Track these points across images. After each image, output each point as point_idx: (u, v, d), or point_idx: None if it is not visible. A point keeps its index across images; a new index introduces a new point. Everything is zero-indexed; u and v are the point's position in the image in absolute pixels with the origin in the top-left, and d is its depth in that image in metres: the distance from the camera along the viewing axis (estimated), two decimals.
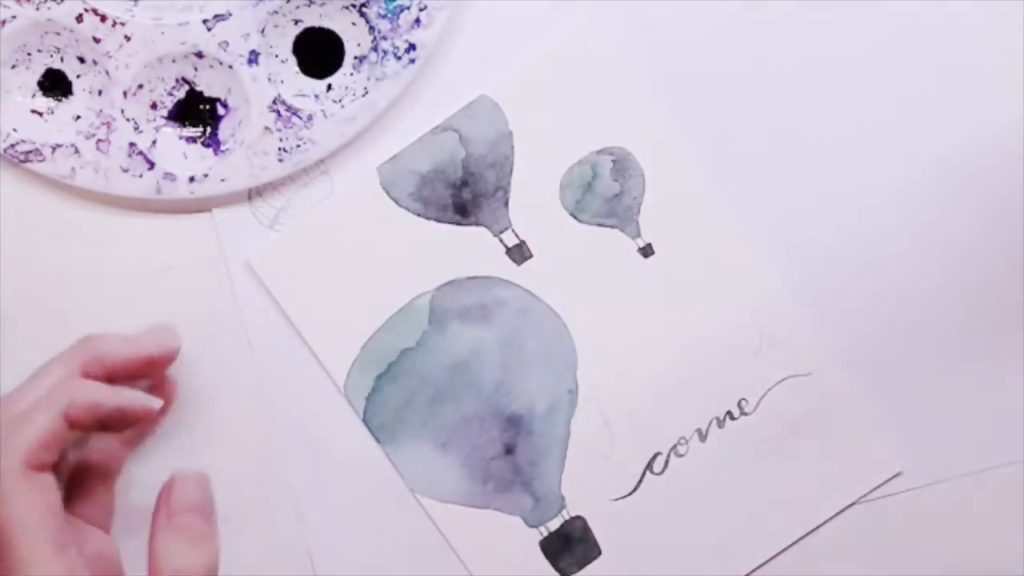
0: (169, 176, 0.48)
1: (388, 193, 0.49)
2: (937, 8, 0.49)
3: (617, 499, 0.49)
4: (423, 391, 0.49)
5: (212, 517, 0.45)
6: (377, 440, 0.49)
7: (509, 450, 0.49)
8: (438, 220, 0.49)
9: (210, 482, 0.45)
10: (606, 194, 0.50)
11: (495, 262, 0.49)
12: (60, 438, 0.42)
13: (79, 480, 0.46)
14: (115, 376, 0.44)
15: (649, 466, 0.49)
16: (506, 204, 0.49)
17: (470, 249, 0.49)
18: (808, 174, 0.49)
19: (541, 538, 0.49)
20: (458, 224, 0.49)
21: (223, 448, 0.48)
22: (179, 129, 0.48)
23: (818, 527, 0.49)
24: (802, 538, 0.49)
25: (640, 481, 0.49)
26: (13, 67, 0.48)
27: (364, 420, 0.49)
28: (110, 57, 0.47)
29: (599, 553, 0.49)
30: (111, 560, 0.44)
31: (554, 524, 0.49)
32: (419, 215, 0.49)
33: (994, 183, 0.49)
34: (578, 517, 0.49)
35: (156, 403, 0.44)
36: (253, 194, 0.49)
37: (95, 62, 0.47)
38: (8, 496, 0.40)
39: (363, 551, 0.49)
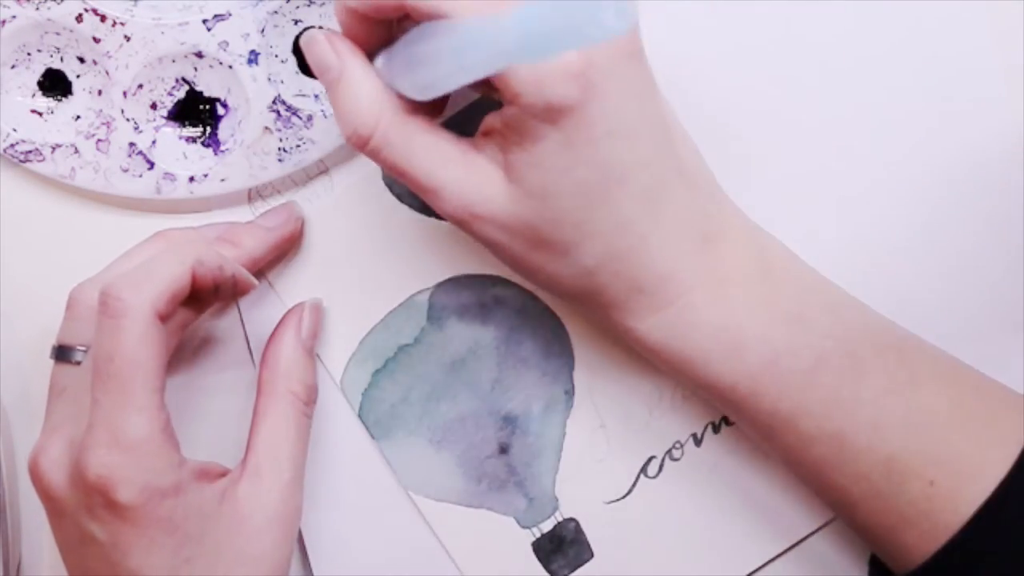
0: (169, 176, 0.48)
1: (390, 189, 0.49)
2: (937, 8, 0.48)
3: (611, 502, 0.49)
4: (419, 388, 0.50)
5: None
6: (372, 436, 0.49)
7: (504, 450, 0.50)
8: (439, 217, 0.49)
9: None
10: None
11: (495, 261, 0.49)
12: (183, 293, 0.43)
13: None
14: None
15: (644, 469, 0.49)
16: None
17: (470, 247, 0.49)
18: (808, 177, 0.49)
19: (534, 539, 0.49)
20: None
21: (220, 443, 0.49)
22: (179, 129, 0.49)
23: (813, 532, 0.49)
24: (797, 543, 0.49)
25: (634, 484, 0.49)
26: (13, 67, 0.48)
27: (360, 415, 0.49)
28: (110, 57, 0.47)
29: (591, 555, 0.49)
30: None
31: (547, 525, 0.50)
32: (420, 211, 0.49)
33: (994, 183, 0.48)
34: (571, 519, 0.50)
35: (256, 282, 0.47)
36: (253, 194, 0.49)
37: (95, 62, 0.47)
38: (137, 337, 0.41)
39: (356, 546, 0.50)
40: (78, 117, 0.48)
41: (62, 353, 0.45)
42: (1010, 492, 0.41)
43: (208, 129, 0.49)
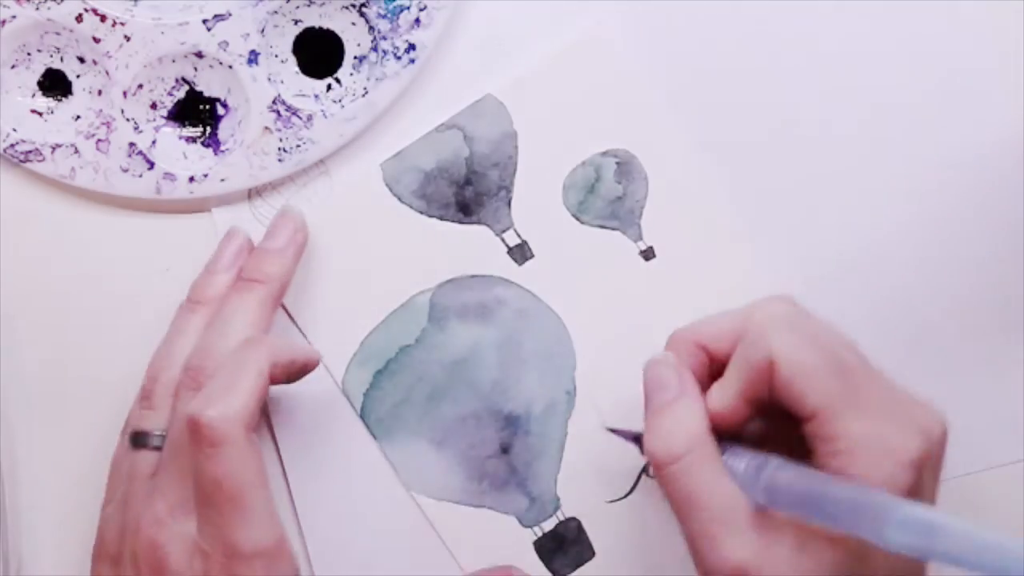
0: (169, 176, 0.48)
1: (391, 189, 0.49)
2: (937, 8, 0.49)
3: (612, 501, 0.49)
4: (421, 388, 0.50)
5: None
6: (374, 436, 0.49)
7: (505, 449, 0.50)
8: (440, 218, 0.49)
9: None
10: (609, 196, 0.49)
11: (496, 261, 0.50)
12: (264, 399, 0.44)
13: None
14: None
15: (645, 469, 0.49)
16: (509, 204, 0.49)
17: (471, 248, 0.49)
18: (812, 180, 0.49)
19: (535, 538, 0.49)
20: (460, 222, 0.49)
21: None
22: (179, 129, 0.49)
23: None
24: None
25: (636, 484, 0.49)
26: (13, 67, 0.48)
27: (361, 416, 0.49)
28: (110, 57, 0.47)
29: (593, 555, 0.49)
30: None
31: (548, 525, 0.49)
32: (421, 212, 0.49)
33: (994, 183, 0.48)
34: (573, 518, 0.50)
35: (319, 355, 0.48)
36: (253, 194, 0.49)
37: (95, 62, 0.48)
38: (238, 460, 0.43)
39: (357, 546, 0.50)
40: (78, 117, 0.48)
41: (141, 440, 0.46)
42: None
43: (208, 129, 0.49)
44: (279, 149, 0.48)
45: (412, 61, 0.48)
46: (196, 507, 0.43)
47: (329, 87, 0.48)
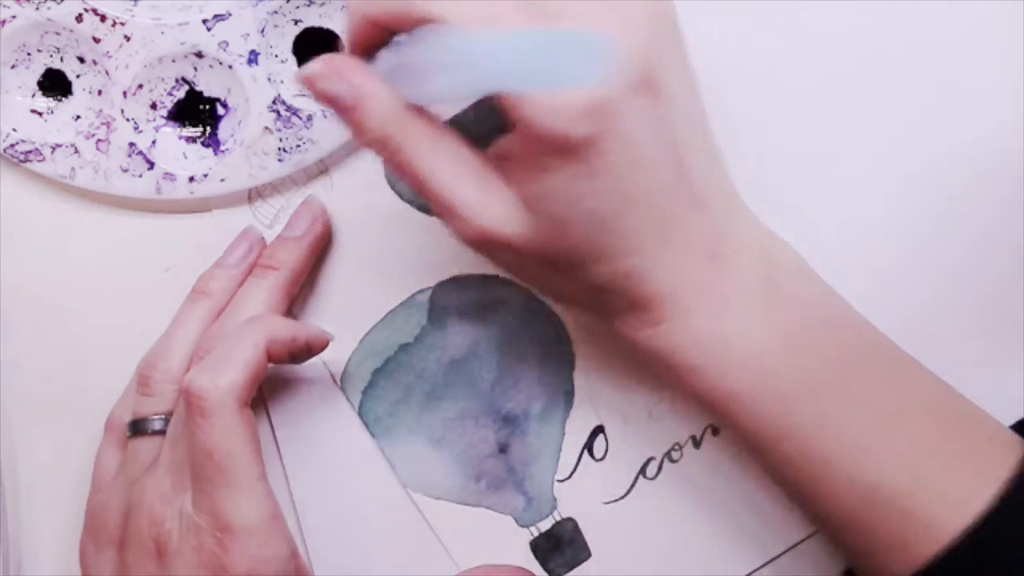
0: (169, 176, 0.48)
1: (393, 187, 0.49)
2: (937, 8, 0.48)
3: (609, 502, 0.50)
4: (419, 387, 0.50)
5: None
6: (372, 434, 0.50)
7: (503, 449, 0.50)
8: None
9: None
10: None
11: None
12: (262, 374, 0.45)
13: None
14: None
15: (642, 470, 0.50)
16: None
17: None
18: (813, 181, 0.49)
19: (531, 538, 0.50)
20: None
21: None
22: (179, 129, 0.49)
23: (814, 534, 0.49)
24: (796, 544, 0.50)
25: (633, 485, 0.50)
26: (13, 67, 0.48)
27: (360, 414, 0.50)
28: (110, 57, 0.47)
29: (589, 555, 0.50)
30: None
31: (545, 525, 0.50)
32: (422, 210, 0.49)
33: (994, 183, 0.48)
34: (569, 519, 0.50)
35: (330, 336, 0.48)
36: (253, 194, 0.49)
37: (95, 62, 0.48)
38: (228, 431, 0.43)
39: (355, 543, 0.50)
40: (78, 117, 0.48)
41: (140, 426, 0.47)
42: (988, 525, 0.41)
43: (208, 129, 0.49)
44: (279, 149, 0.48)
45: None
46: (191, 481, 0.44)
47: None
